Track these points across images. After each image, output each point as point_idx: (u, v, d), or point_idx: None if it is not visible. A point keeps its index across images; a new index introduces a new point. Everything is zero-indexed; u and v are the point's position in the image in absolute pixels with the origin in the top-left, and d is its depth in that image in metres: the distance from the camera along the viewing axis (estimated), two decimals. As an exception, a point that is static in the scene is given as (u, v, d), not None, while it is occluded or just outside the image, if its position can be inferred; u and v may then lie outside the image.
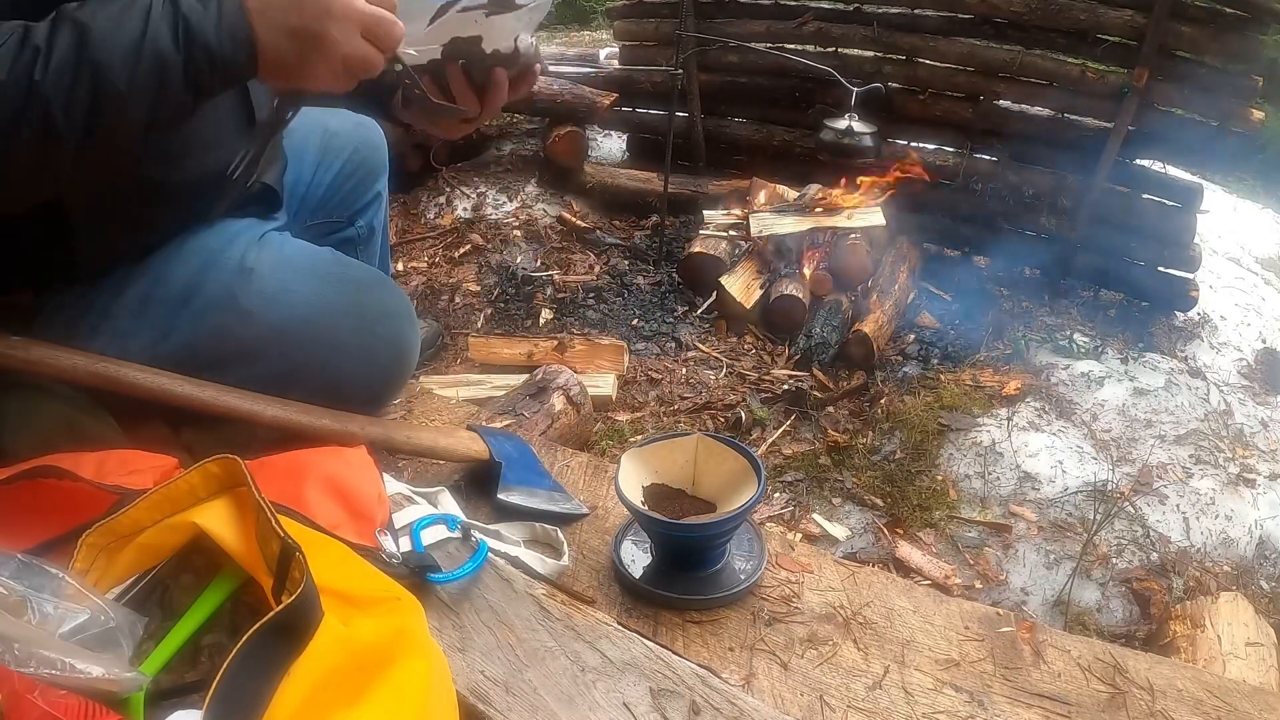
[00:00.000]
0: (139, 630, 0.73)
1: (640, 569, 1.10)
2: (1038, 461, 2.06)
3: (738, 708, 0.83)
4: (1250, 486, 2.03)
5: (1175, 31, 2.59)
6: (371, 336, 1.22)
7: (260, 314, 1.17)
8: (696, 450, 1.16)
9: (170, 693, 0.71)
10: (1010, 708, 0.93)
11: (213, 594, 0.79)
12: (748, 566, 1.10)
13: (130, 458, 0.94)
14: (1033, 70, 2.88)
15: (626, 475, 1.11)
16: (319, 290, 1.21)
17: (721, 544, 1.10)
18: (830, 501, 2.05)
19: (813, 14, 3.27)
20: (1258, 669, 1.41)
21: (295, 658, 0.65)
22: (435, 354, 2.52)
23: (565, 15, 9.10)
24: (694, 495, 1.15)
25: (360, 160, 1.57)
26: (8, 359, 1.05)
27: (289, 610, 0.66)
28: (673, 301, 2.86)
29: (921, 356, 2.62)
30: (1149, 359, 2.51)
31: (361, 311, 1.22)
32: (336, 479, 0.96)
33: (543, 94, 3.32)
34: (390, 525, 0.99)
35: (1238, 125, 2.61)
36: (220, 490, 0.83)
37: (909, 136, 3.22)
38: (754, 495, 1.05)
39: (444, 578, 0.94)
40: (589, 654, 0.89)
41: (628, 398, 2.40)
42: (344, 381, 1.22)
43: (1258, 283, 3.18)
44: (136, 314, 1.14)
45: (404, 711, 0.67)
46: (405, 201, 3.39)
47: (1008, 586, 1.80)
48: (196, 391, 1.09)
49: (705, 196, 3.33)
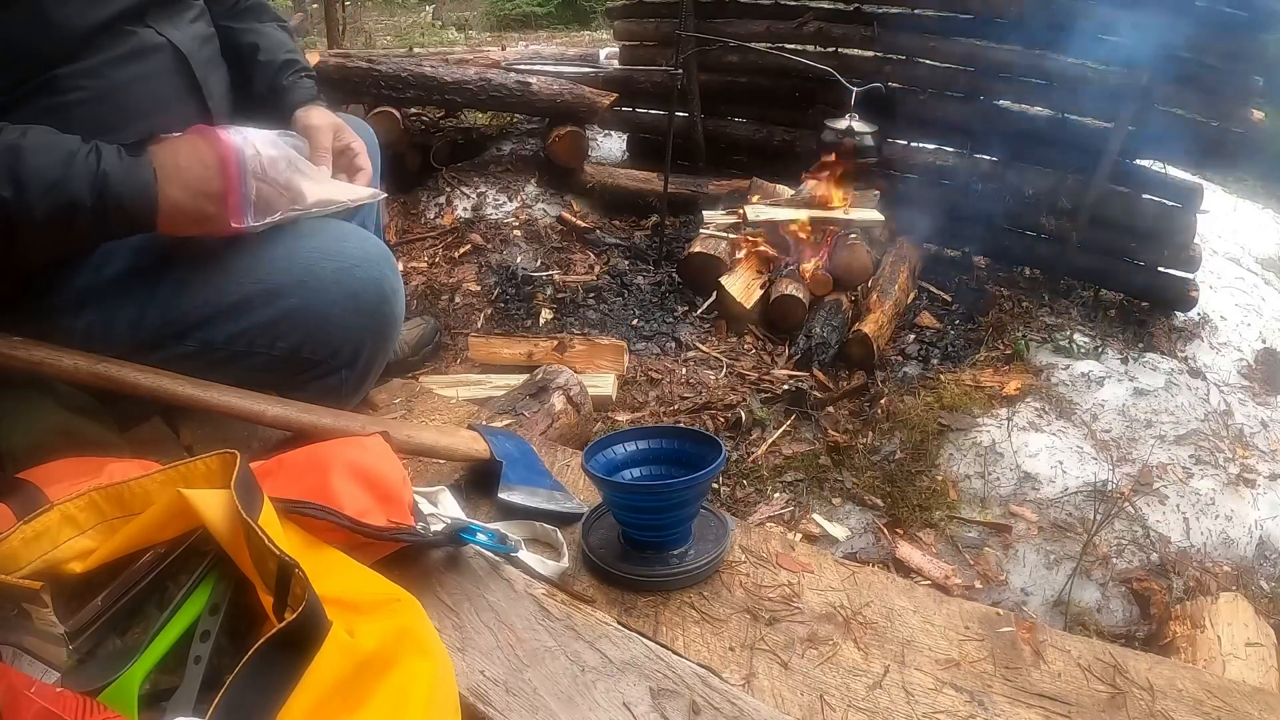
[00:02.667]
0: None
1: (607, 550, 1.10)
2: (1038, 462, 2.06)
3: (738, 708, 0.83)
4: (1250, 487, 2.03)
5: (1175, 31, 2.59)
6: (353, 280, 1.23)
7: (241, 267, 1.19)
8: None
9: (165, 694, 0.71)
10: (1010, 708, 0.93)
11: (205, 592, 0.79)
12: (714, 549, 1.10)
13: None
14: (1033, 70, 2.88)
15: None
16: (297, 240, 1.23)
17: (679, 516, 1.09)
18: (830, 501, 2.05)
19: (813, 14, 3.28)
20: (1258, 669, 1.41)
21: (301, 672, 0.65)
22: (434, 351, 2.52)
23: (565, 15, 9.10)
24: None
25: None
26: (8, 359, 1.05)
27: (294, 626, 0.66)
28: (673, 301, 2.86)
29: (921, 356, 2.62)
30: (1149, 359, 2.51)
31: (341, 257, 1.24)
32: (359, 465, 0.97)
33: (543, 94, 3.32)
34: (416, 507, 1.00)
35: (1238, 125, 2.60)
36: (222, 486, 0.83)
37: (909, 136, 3.22)
38: (708, 468, 1.06)
39: (480, 541, 0.96)
40: (589, 654, 0.89)
41: (628, 398, 2.40)
42: (332, 326, 1.23)
43: (1258, 283, 3.18)
44: (120, 288, 1.17)
45: (408, 712, 0.67)
46: (405, 201, 3.39)
47: (1008, 586, 1.80)
48: (196, 391, 1.09)
49: (705, 196, 3.33)
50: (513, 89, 3.31)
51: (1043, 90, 2.90)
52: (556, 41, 6.58)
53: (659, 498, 1.07)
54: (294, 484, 0.91)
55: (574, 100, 3.34)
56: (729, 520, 1.16)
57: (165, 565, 0.80)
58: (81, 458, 0.93)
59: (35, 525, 0.76)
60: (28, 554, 0.75)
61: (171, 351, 1.18)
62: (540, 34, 8.17)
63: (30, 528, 0.75)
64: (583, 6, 8.95)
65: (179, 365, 1.13)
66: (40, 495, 0.86)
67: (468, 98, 3.35)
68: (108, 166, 0.99)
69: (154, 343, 1.17)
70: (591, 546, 1.11)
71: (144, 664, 0.72)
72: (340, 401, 1.29)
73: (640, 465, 1.17)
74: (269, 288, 1.20)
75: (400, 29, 9.07)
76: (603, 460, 1.14)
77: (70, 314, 1.15)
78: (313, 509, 0.87)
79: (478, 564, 1.01)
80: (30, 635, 0.70)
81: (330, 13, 6.19)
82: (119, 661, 0.72)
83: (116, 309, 1.16)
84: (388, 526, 0.92)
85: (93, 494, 0.80)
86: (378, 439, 1.06)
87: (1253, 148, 2.66)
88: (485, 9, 9.65)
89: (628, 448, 1.17)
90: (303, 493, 0.89)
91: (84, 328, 1.14)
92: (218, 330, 1.19)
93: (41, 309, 1.14)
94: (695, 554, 1.10)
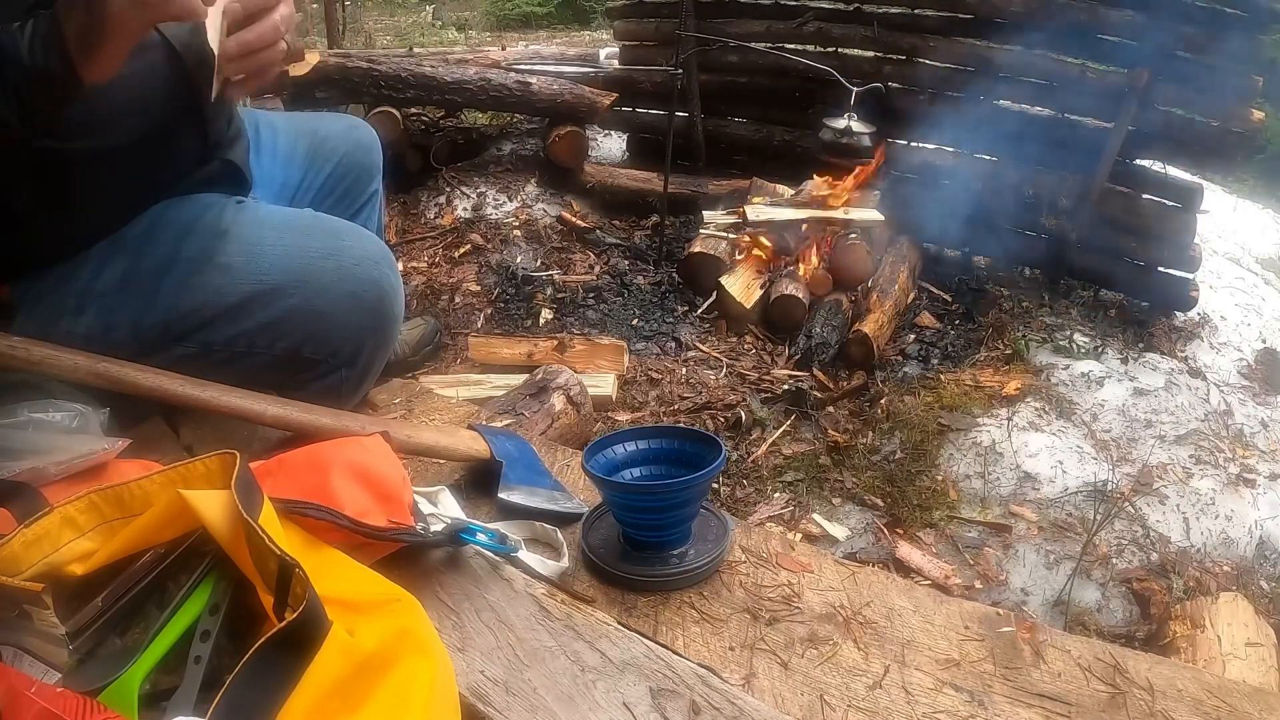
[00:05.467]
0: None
1: (607, 550, 1.10)
2: (1038, 461, 2.06)
3: (738, 708, 0.83)
4: (1250, 487, 2.03)
5: (1175, 32, 2.59)
6: (352, 279, 1.23)
7: (240, 268, 1.19)
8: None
9: (165, 694, 0.71)
10: (1010, 707, 0.93)
11: (206, 592, 0.79)
12: (714, 549, 1.10)
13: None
14: (1033, 70, 2.88)
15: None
16: (296, 240, 1.23)
17: (679, 516, 1.09)
18: (830, 501, 2.05)
19: (813, 14, 3.28)
20: (1258, 669, 1.41)
21: (301, 671, 0.65)
22: (434, 351, 2.52)
23: (565, 15, 9.10)
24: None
25: (353, 163, 1.58)
26: (8, 359, 1.05)
27: (294, 625, 0.66)
28: (673, 301, 2.86)
29: (921, 356, 2.62)
30: (1149, 359, 2.51)
31: (340, 256, 1.24)
32: (359, 465, 0.97)
33: (543, 94, 3.32)
34: (415, 507, 1.00)
35: (1238, 125, 2.61)
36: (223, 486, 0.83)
37: (909, 136, 3.22)
38: (707, 468, 1.06)
39: (480, 541, 0.96)
40: (589, 654, 0.89)
41: (628, 398, 2.40)
42: (332, 325, 1.23)
43: (1258, 283, 3.18)
44: (118, 290, 1.17)
45: (408, 712, 0.67)
46: (405, 201, 3.39)
47: (1008, 586, 1.80)
48: (196, 391, 1.09)
49: (705, 196, 3.33)
50: (513, 89, 3.31)
51: (1043, 90, 2.90)
52: (556, 41, 6.59)
53: (659, 498, 1.07)
54: (294, 484, 0.91)
55: (574, 100, 3.34)
56: (729, 520, 1.16)
57: (165, 565, 0.80)
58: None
59: (36, 528, 0.76)
60: (29, 557, 0.75)
61: (172, 353, 1.18)
62: (540, 34, 8.17)
63: (31, 531, 0.75)
64: (583, 6, 8.95)
65: (179, 366, 1.13)
66: (40, 498, 0.86)
67: (468, 98, 3.35)
68: (3, 38, 0.90)
69: (154, 345, 1.17)
70: (591, 546, 1.11)
71: (144, 664, 0.72)
72: (340, 401, 1.29)
73: (640, 465, 1.17)
74: (268, 288, 1.20)
75: (400, 29, 9.06)
76: (603, 460, 1.14)
77: (70, 318, 1.15)
78: (313, 509, 0.87)
79: (478, 564, 1.01)
80: (31, 636, 0.70)
81: (330, 13, 6.19)
82: (119, 661, 0.72)
83: (116, 312, 1.16)
84: (388, 526, 0.92)
85: (92, 495, 0.80)
86: (378, 439, 1.06)
87: (1253, 148, 2.67)
88: (485, 9, 9.64)
89: (628, 448, 1.17)
90: (303, 493, 0.89)
91: (84, 331, 1.14)
92: (218, 331, 1.19)
93: (41, 313, 1.14)
94: (695, 554, 1.10)
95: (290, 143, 1.51)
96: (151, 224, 1.20)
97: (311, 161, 1.53)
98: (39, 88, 0.93)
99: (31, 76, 0.91)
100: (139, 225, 1.20)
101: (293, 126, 1.55)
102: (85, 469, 0.95)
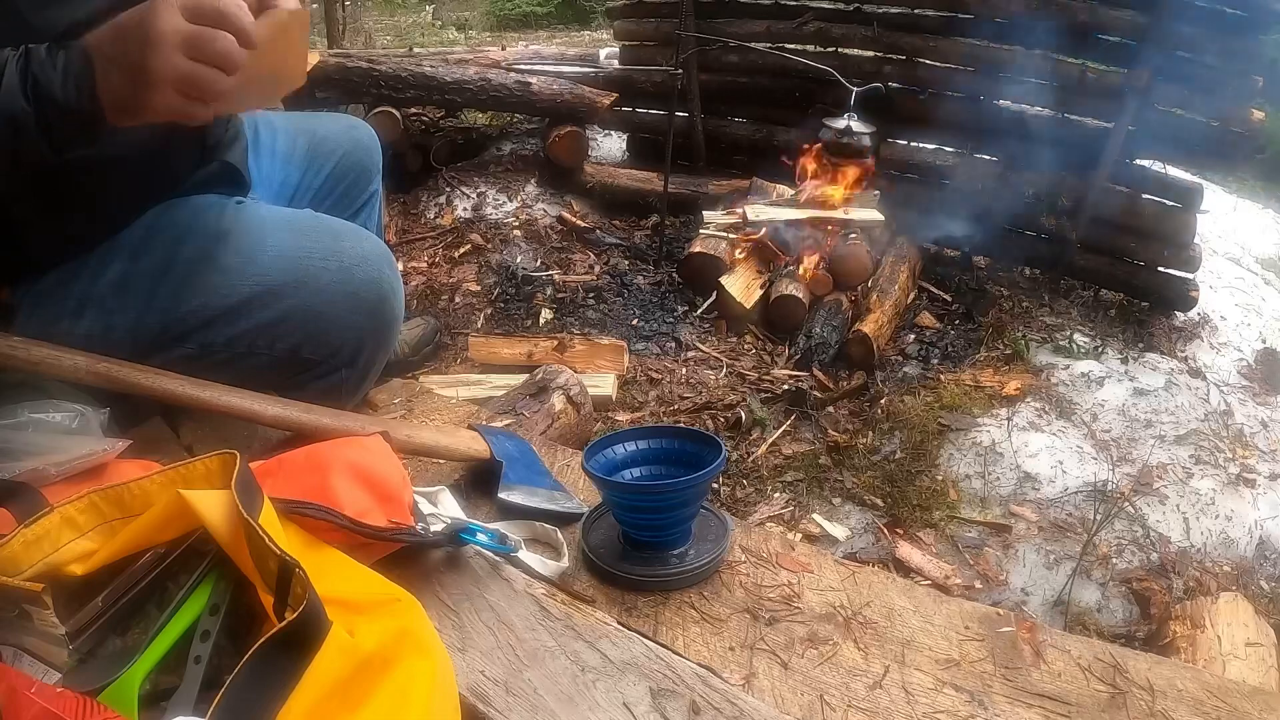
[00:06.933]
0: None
1: (607, 550, 1.10)
2: (1038, 461, 2.06)
3: (738, 708, 0.83)
4: (1250, 486, 2.03)
5: (1175, 31, 2.59)
6: (352, 280, 1.23)
7: (240, 269, 1.19)
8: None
9: (165, 693, 0.71)
10: (1010, 707, 0.93)
11: (205, 592, 0.79)
12: (714, 549, 1.10)
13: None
14: (1032, 70, 2.88)
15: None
16: (295, 241, 1.23)
17: (679, 516, 1.09)
18: (830, 501, 2.05)
19: (813, 14, 3.28)
20: (1258, 669, 1.41)
21: (301, 671, 0.65)
22: (434, 351, 2.52)
23: (565, 15, 9.10)
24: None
25: (352, 163, 1.58)
26: (8, 359, 1.05)
27: (294, 625, 0.66)
28: (673, 301, 2.86)
29: (921, 356, 2.62)
30: (1149, 359, 2.51)
31: (340, 256, 1.23)
32: (359, 465, 0.97)
33: (543, 94, 3.32)
34: (415, 507, 1.00)
35: (1238, 125, 2.61)
36: (223, 486, 0.83)
37: (909, 136, 3.22)
38: (707, 468, 1.06)
39: (480, 541, 0.96)
40: (589, 654, 0.89)
41: (628, 398, 2.40)
42: (332, 326, 1.23)
43: (1258, 283, 3.18)
44: (117, 293, 1.17)
45: (408, 712, 0.67)
46: (405, 201, 3.40)
47: (1008, 586, 1.80)
48: (196, 391, 1.09)
49: (705, 196, 3.33)
50: (513, 89, 3.31)
51: (1043, 90, 2.90)
52: (556, 41, 6.59)
53: (659, 498, 1.07)
54: (294, 484, 0.91)
55: (574, 100, 3.34)
56: (729, 520, 1.16)
57: (165, 565, 0.80)
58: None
59: (36, 528, 0.76)
60: (29, 557, 0.75)
61: (172, 354, 1.17)
62: (540, 34, 8.17)
63: (31, 531, 0.75)
64: (583, 6, 8.94)
65: (179, 367, 1.13)
66: (40, 498, 0.86)
67: (468, 98, 3.36)
68: (37, 70, 0.90)
69: (154, 346, 1.17)
70: (591, 546, 1.11)
71: (144, 664, 0.72)
72: (340, 401, 1.29)
73: (640, 465, 1.17)
74: (268, 289, 1.20)
75: (400, 29, 9.06)
76: (603, 460, 1.14)
77: (70, 320, 1.15)
78: (313, 509, 0.87)
79: (478, 564, 1.01)
80: (31, 636, 0.70)
81: (330, 13, 6.19)
82: (119, 661, 0.72)
83: (116, 314, 1.16)
84: (388, 527, 0.92)
85: (92, 496, 0.80)
86: (378, 439, 1.06)
87: (1253, 148, 2.67)
88: (485, 9, 9.64)
89: (628, 448, 1.17)
90: (303, 493, 0.89)
91: (84, 333, 1.14)
92: (218, 332, 1.19)
93: (41, 315, 1.14)
94: (695, 554, 1.10)
95: (289, 142, 1.51)
96: (151, 226, 1.20)
97: (311, 161, 1.53)
98: (72, 126, 0.93)
99: (66, 113, 0.91)
100: (138, 227, 1.20)
101: (292, 126, 1.55)
102: (85, 469, 0.95)
